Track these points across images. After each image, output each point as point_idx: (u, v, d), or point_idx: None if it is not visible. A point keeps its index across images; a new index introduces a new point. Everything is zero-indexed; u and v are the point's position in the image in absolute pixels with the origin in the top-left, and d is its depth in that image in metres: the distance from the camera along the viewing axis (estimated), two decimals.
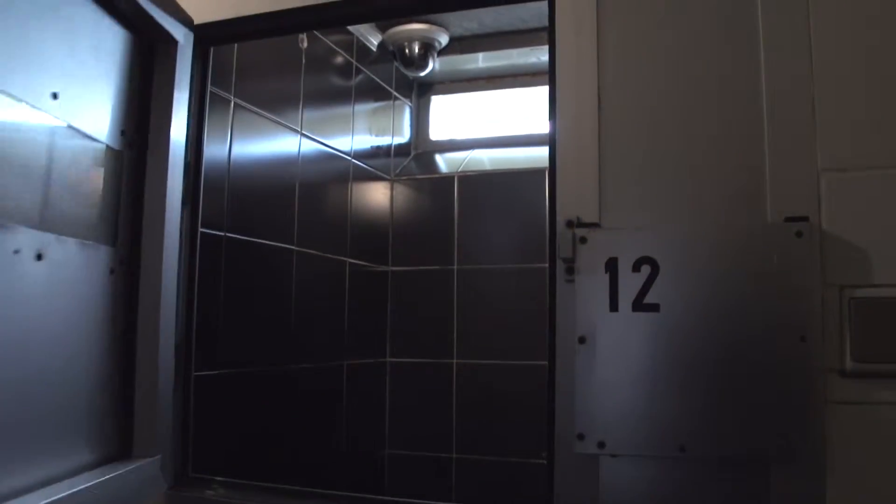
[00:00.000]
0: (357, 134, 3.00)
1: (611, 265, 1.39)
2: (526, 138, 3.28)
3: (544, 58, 1.69)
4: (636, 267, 1.38)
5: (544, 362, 1.49)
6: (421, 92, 3.54)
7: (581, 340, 1.41)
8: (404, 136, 3.44)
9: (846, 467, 1.30)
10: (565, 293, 1.45)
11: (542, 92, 1.65)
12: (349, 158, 2.93)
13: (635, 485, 1.41)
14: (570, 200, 1.48)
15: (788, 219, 1.35)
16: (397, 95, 3.37)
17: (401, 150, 3.40)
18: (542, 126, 3.01)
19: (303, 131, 2.58)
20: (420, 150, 3.49)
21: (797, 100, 1.38)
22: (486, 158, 3.32)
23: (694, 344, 1.36)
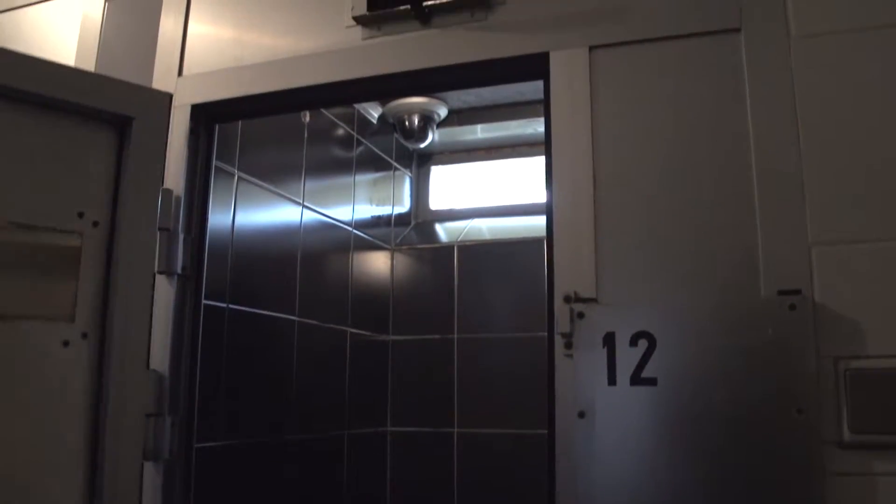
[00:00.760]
0: (358, 203, 3.04)
1: (608, 340, 1.41)
2: (524, 208, 3.32)
3: (541, 129, 1.74)
4: (633, 341, 1.40)
5: (545, 430, 1.50)
6: (421, 162, 3.60)
7: (581, 415, 1.42)
8: (404, 206, 3.48)
9: None
10: (564, 367, 1.46)
11: (540, 162, 1.69)
12: (350, 229, 2.97)
13: None
14: (568, 275, 1.51)
15: (781, 292, 1.37)
16: (397, 166, 3.42)
17: (401, 220, 3.44)
18: (541, 195, 3.05)
19: (305, 202, 2.62)
20: (420, 220, 3.53)
21: (786, 176, 1.42)
22: (486, 227, 3.35)
23: (692, 418, 1.37)
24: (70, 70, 1.93)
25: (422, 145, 3.33)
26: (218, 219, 2.10)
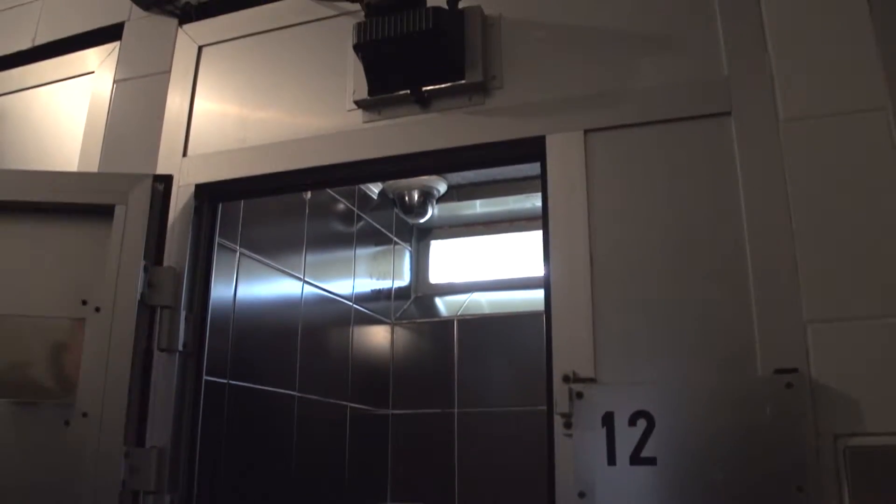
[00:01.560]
0: (358, 278, 3.07)
1: (607, 419, 1.42)
2: (524, 281, 3.35)
3: (539, 203, 1.77)
4: (632, 420, 1.40)
5: None
6: (420, 237, 3.64)
7: (581, 495, 1.41)
8: (404, 280, 3.51)
9: None
10: (564, 447, 1.46)
11: (539, 235, 1.72)
12: (350, 303, 2.99)
13: None
14: (566, 354, 1.52)
15: (778, 370, 1.38)
16: (397, 240, 3.46)
17: (401, 294, 3.46)
18: (540, 269, 3.08)
19: (305, 277, 2.64)
20: (420, 294, 3.55)
21: (779, 254, 1.44)
22: (485, 301, 3.37)
23: (692, 497, 1.36)
24: (53, 175, 2.08)
25: (422, 220, 3.38)
26: (220, 294, 2.12)
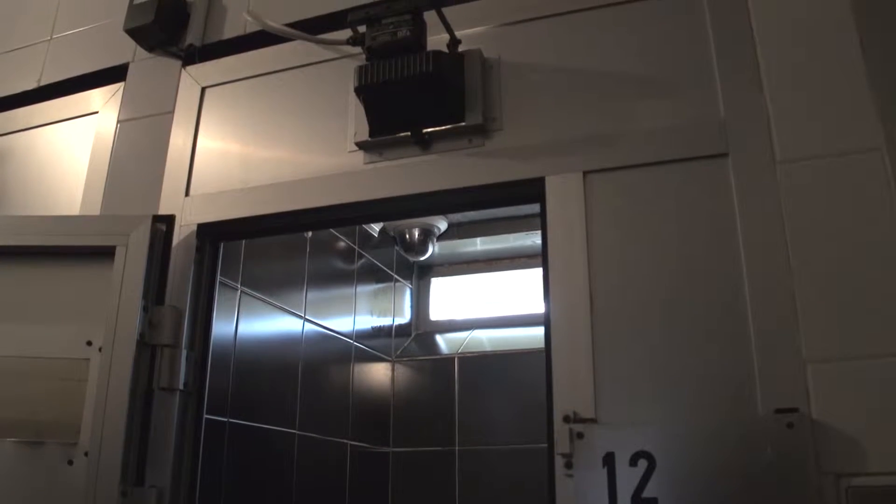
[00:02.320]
0: (359, 315, 3.07)
1: (608, 460, 1.41)
2: (524, 318, 3.35)
3: (539, 240, 1.78)
4: (633, 461, 1.40)
5: None
6: (421, 274, 3.65)
7: None
8: (405, 317, 3.52)
9: None
10: (565, 487, 1.46)
11: (539, 273, 1.74)
12: (351, 340, 2.99)
13: None
14: (566, 394, 1.52)
15: (779, 410, 1.38)
16: (398, 278, 3.47)
17: (401, 331, 3.46)
18: (540, 306, 3.09)
19: (306, 315, 2.65)
20: (420, 331, 3.55)
21: (778, 294, 1.45)
22: (486, 338, 3.37)
23: None
24: (55, 219, 2.11)
25: (422, 258, 3.39)
26: (221, 333, 2.12)
